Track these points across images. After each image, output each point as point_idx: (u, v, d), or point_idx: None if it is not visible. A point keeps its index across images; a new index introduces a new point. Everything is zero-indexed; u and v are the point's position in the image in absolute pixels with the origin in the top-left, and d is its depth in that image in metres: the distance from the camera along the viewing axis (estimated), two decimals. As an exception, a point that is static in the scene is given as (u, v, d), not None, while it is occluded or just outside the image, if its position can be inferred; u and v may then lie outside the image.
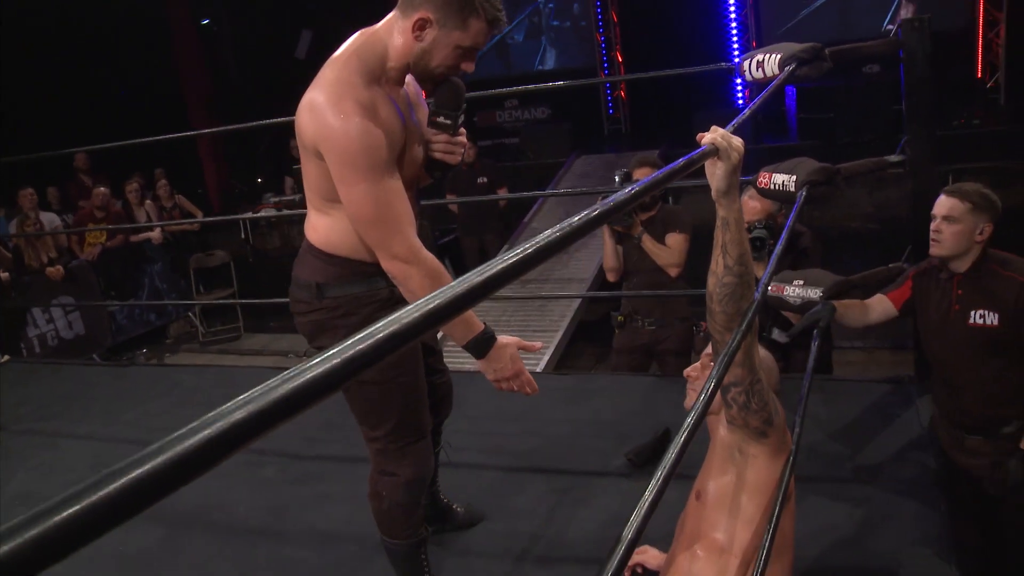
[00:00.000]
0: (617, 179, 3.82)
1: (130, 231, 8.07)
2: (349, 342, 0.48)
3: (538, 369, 5.33)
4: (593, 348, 6.19)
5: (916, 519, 2.39)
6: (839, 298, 2.67)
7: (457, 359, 4.34)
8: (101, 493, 0.36)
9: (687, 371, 1.81)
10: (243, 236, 8.95)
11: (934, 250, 2.63)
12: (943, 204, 2.61)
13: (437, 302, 0.55)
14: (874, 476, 2.66)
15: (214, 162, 11.17)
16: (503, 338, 1.92)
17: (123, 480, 0.37)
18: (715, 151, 1.41)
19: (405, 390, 2.01)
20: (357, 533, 2.68)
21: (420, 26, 1.80)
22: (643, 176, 3.89)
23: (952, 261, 2.62)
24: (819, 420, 2.99)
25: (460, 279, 0.59)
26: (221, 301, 8.25)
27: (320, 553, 2.64)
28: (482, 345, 1.88)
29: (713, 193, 1.45)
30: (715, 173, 1.44)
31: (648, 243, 3.92)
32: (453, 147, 1.98)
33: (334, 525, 2.79)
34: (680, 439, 0.98)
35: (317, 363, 0.46)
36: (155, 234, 8.22)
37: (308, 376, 0.45)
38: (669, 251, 3.93)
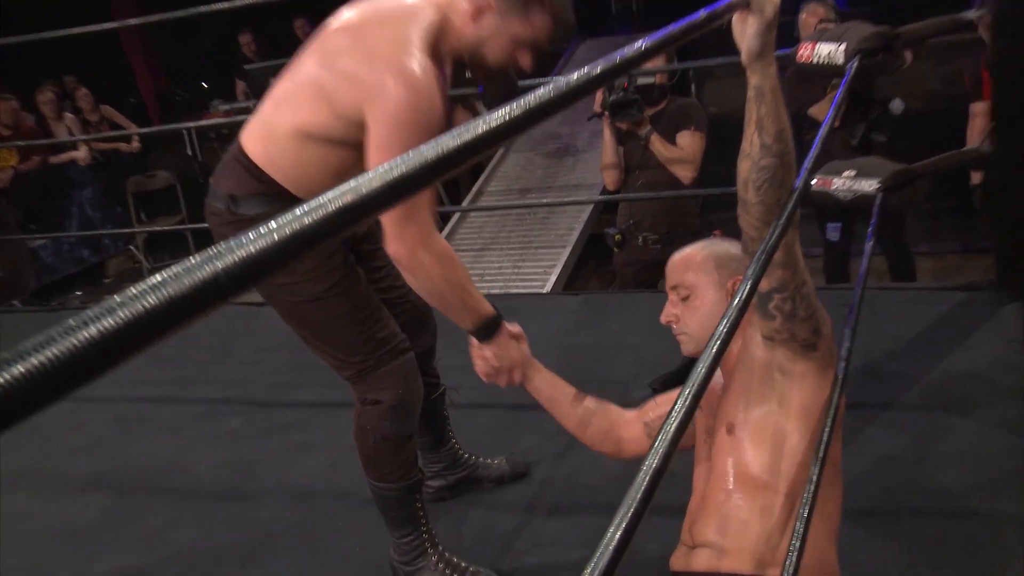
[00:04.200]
0: None
1: (48, 149, 7.95)
2: (297, 212, 0.46)
3: (545, 289, 5.34)
4: (608, 265, 6.20)
5: (997, 453, 2.38)
6: (900, 190, 2.63)
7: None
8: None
9: (664, 318, 1.82)
10: (189, 152, 8.87)
11: None
12: None
13: (404, 168, 0.53)
14: (945, 402, 2.66)
15: (147, 65, 11.01)
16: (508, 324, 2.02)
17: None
18: (745, 2, 1.37)
19: (344, 302, 2.07)
20: (339, 488, 2.71)
21: (479, 11, 1.95)
22: (653, 64, 3.83)
23: None
24: (878, 336, 2.98)
25: (433, 142, 0.57)
26: (168, 228, 8.19)
27: (296, 512, 2.68)
28: (492, 327, 1.97)
29: (743, 56, 1.41)
30: (745, 31, 1.39)
31: (657, 143, 3.90)
32: None
33: (312, 480, 2.83)
34: (704, 366, 0.96)
35: (271, 230, 0.44)
36: (81, 153, 8.10)
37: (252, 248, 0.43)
38: (681, 152, 3.90)
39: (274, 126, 2.02)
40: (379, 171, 0.51)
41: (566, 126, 7.11)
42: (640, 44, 0.90)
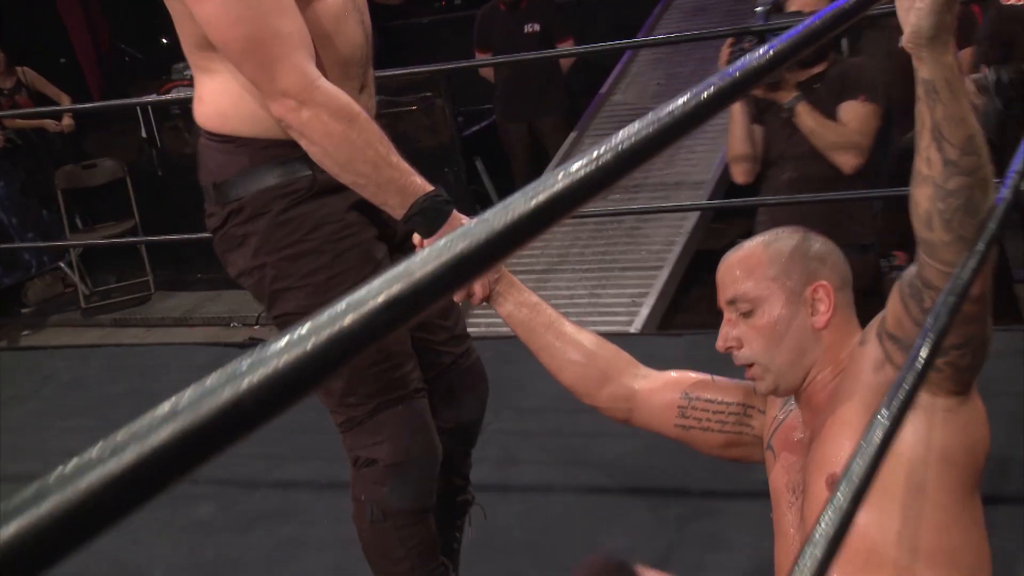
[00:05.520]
0: (759, 11, 3.75)
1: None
2: (332, 314, 0.49)
3: (634, 327, 5.30)
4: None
5: None
6: None
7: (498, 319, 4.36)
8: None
9: (721, 343, 1.82)
10: (143, 134, 8.93)
11: None
12: None
13: (464, 244, 0.55)
14: None
15: (84, 14, 11.14)
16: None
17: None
18: None
19: None
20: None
21: None
22: (803, 5, 3.82)
23: None
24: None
25: (500, 205, 0.60)
26: (114, 241, 8.24)
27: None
28: (433, 214, 1.94)
29: (908, 37, 1.37)
30: (914, 3, 1.34)
31: (807, 117, 3.83)
32: None
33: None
34: (866, 458, 0.96)
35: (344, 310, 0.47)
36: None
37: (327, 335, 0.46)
38: (842, 130, 3.85)
39: (195, 74, 2.08)
40: (433, 250, 0.54)
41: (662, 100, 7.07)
42: (804, 24, 0.88)
